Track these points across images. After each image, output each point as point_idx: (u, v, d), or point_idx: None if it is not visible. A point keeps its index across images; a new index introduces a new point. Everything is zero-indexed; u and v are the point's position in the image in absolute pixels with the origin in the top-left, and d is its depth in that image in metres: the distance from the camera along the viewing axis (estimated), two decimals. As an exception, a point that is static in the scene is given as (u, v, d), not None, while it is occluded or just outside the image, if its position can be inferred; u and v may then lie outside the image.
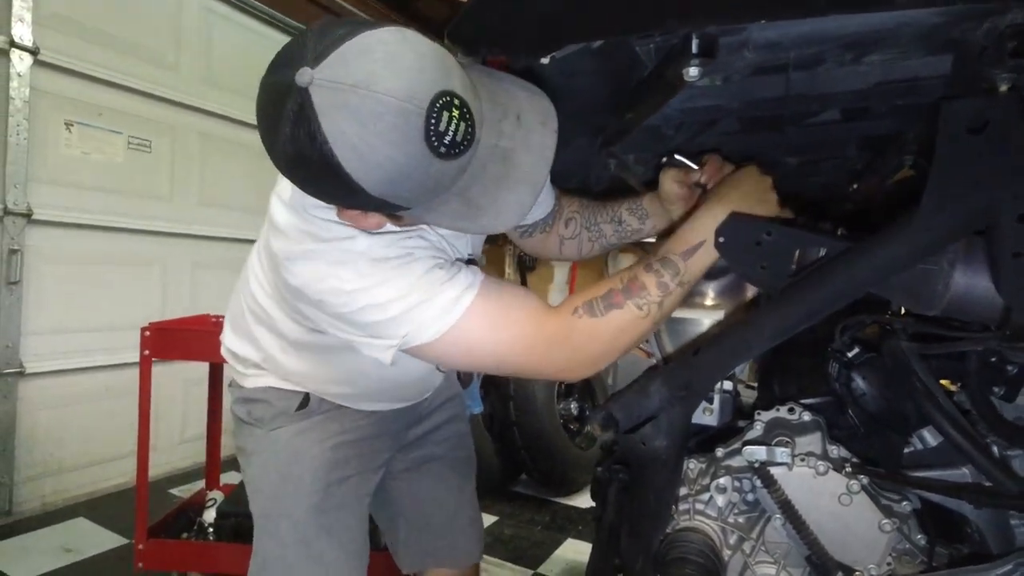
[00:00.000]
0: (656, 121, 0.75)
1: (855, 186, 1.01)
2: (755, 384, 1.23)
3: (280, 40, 3.45)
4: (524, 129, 0.68)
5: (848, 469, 0.94)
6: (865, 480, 0.93)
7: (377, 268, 0.77)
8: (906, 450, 0.94)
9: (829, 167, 0.93)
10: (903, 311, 0.94)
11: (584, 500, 3.00)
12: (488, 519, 2.77)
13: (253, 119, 0.70)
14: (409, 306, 0.77)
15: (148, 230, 2.86)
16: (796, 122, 0.74)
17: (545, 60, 0.69)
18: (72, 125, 2.57)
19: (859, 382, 0.91)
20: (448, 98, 0.60)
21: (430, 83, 0.59)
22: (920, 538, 0.94)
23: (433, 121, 0.59)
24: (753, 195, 0.83)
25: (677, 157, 0.89)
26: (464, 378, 2.59)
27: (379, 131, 0.58)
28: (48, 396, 2.57)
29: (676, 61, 0.54)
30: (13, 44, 2.33)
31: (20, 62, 2.36)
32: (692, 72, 0.53)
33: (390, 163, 0.60)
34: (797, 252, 0.71)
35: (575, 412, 3.28)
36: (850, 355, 0.94)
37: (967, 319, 0.69)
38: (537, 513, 2.90)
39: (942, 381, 0.88)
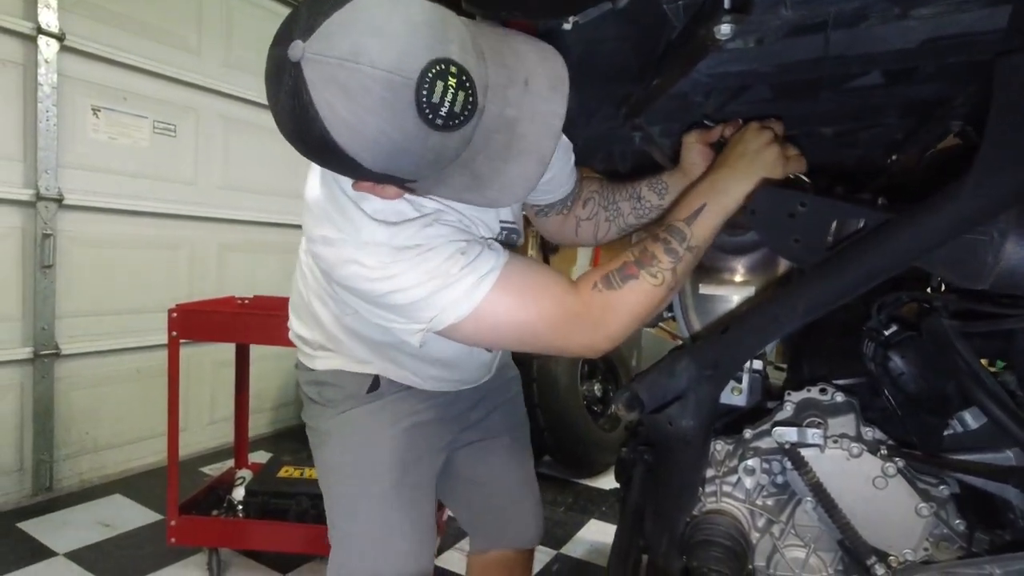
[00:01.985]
0: (684, 88, 0.72)
1: (894, 157, 0.96)
2: (784, 365, 1.19)
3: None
4: (531, 96, 0.64)
5: (883, 452, 0.90)
6: (901, 463, 0.90)
7: (398, 257, 0.77)
8: (945, 432, 0.90)
9: (867, 137, 0.88)
10: (943, 287, 0.89)
11: (607, 482, 2.99)
12: (511, 500, 2.78)
13: None
14: (432, 291, 0.77)
15: (174, 214, 2.90)
16: (834, 87, 0.69)
17: (567, 25, 0.66)
18: (99, 110, 2.61)
19: (897, 361, 0.87)
20: (442, 66, 0.56)
21: (422, 51, 0.56)
22: (959, 523, 0.90)
23: (425, 92, 0.56)
24: (757, 158, 0.81)
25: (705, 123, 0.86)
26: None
27: (369, 106, 0.56)
28: (83, 377, 2.64)
29: (707, 19, 0.51)
30: (40, 31, 2.35)
31: (47, 48, 2.38)
32: (724, 30, 0.50)
33: (384, 138, 0.58)
34: (834, 224, 0.68)
35: (598, 394, 3.26)
36: (887, 334, 0.90)
37: (1018, 293, 0.65)
38: (560, 494, 2.90)
39: (982, 361, 0.84)
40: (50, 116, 2.40)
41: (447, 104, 0.57)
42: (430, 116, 0.57)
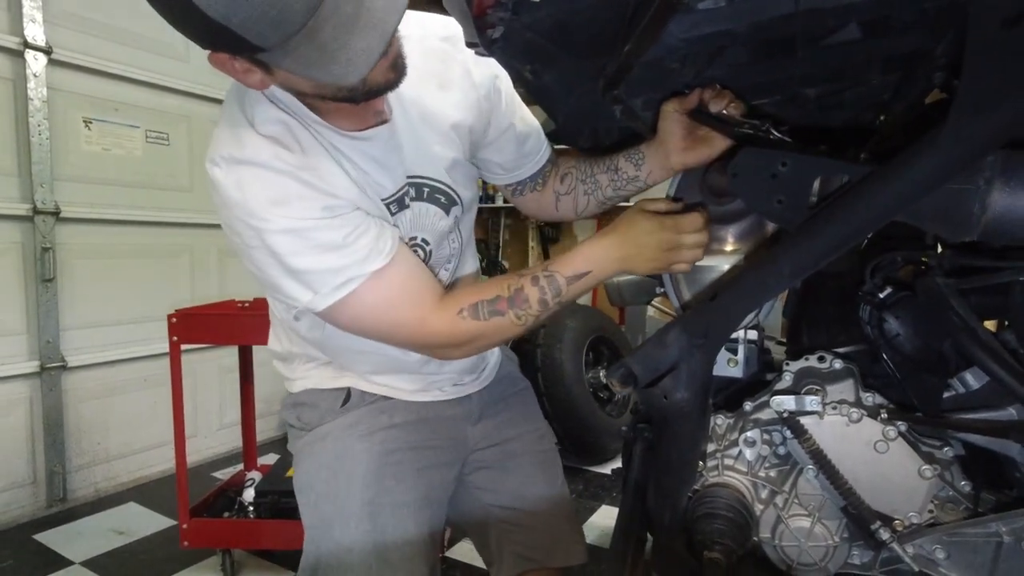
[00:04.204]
0: (658, 54, 0.70)
1: (882, 118, 0.94)
2: (783, 340, 1.18)
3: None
4: None
5: (884, 415, 0.89)
6: (903, 426, 0.89)
7: (291, 209, 0.79)
8: (946, 394, 0.89)
9: (852, 97, 0.87)
10: (938, 247, 0.88)
11: (616, 468, 2.98)
12: (522, 489, 2.78)
13: None
14: (307, 267, 0.81)
15: (172, 222, 2.91)
16: (811, 44, 0.68)
17: (537, -4, 0.65)
18: (90, 122, 2.61)
19: (892, 323, 0.86)
20: None
21: None
22: (964, 484, 0.89)
23: None
24: (650, 245, 0.85)
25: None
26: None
27: None
28: (90, 388, 2.66)
29: (671, -25, 0.50)
30: (27, 45, 2.35)
31: (35, 62, 2.39)
32: (689, -15, 0.49)
33: None
34: (817, 182, 0.66)
35: (604, 381, 3.25)
36: (882, 296, 0.89)
37: (1009, 243, 0.64)
38: (570, 481, 2.89)
39: (986, 323, 0.83)
40: (42, 130, 2.41)
41: None
42: None
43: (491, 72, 0.97)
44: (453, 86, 0.95)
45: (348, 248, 0.82)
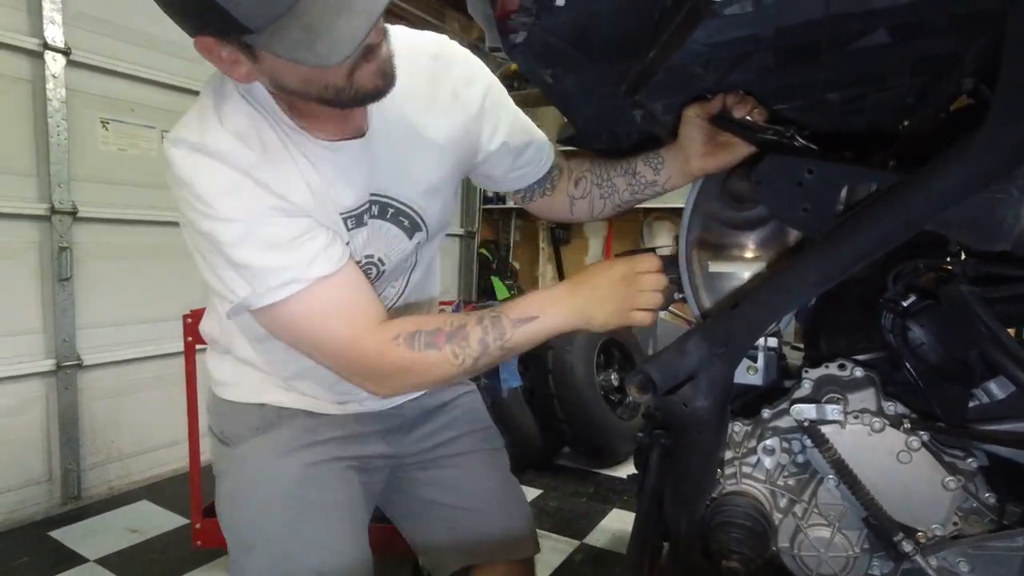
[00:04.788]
0: (682, 59, 0.70)
1: (906, 123, 0.93)
2: (802, 345, 1.17)
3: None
4: None
5: (906, 425, 0.88)
6: (925, 436, 0.87)
7: (236, 189, 0.78)
8: (971, 403, 0.87)
9: (876, 101, 0.85)
10: (961, 253, 0.87)
11: (627, 470, 2.96)
12: (532, 492, 2.78)
13: None
14: (248, 261, 0.79)
15: (187, 222, 2.92)
16: (838, 48, 0.67)
17: (560, 1, 0.65)
18: (108, 123, 2.64)
19: (916, 331, 0.85)
20: None
21: None
22: (988, 496, 0.88)
23: None
24: (604, 290, 0.82)
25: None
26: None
27: None
28: (106, 386, 2.68)
29: (700, -18, 0.49)
30: (46, 46, 2.38)
31: (54, 63, 2.41)
32: (718, -7, 0.48)
33: None
34: (844, 190, 0.65)
35: (615, 383, 3.24)
36: (905, 304, 0.88)
37: (1041, 253, 0.63)
38: (581, 485, 2.89)
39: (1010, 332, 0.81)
40: (60, 130, 2.43)
41: None
42: None
43: (480, 93, 0.95)
44: (440, 108, 0.92)
45: (294, 250, 0.80)
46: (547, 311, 0.84)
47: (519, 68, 0.83)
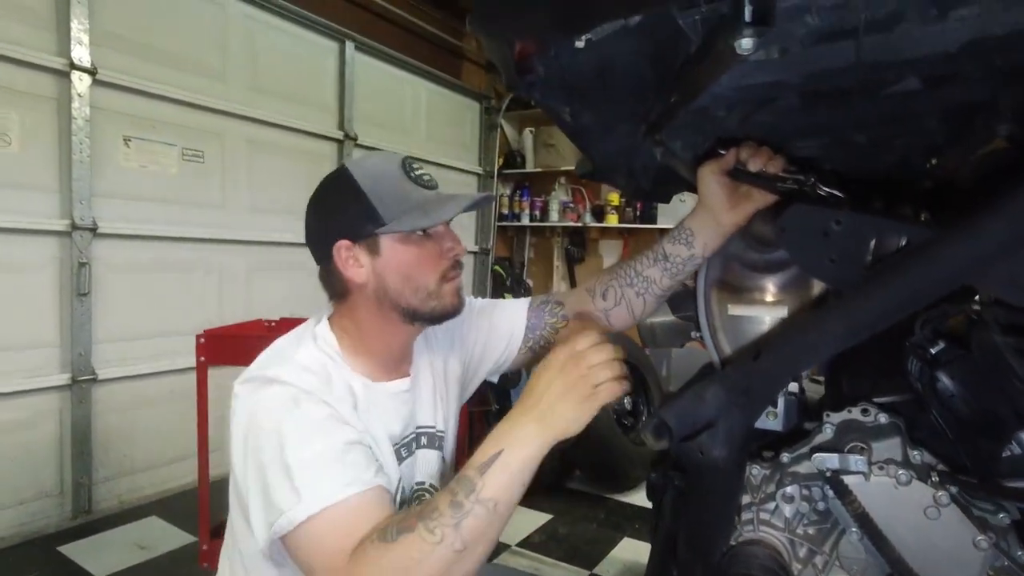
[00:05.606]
0: (704, 102, 0.68)
1: (934, 162, 0.90)
2: (820, 378, 1.13)
3: (321, 43, 3.52)
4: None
5: (935, 478, 0.84)
6: (955, 490, 0.83)
7: (297, 406, 0.82)
8: (1003, 455, 0.83)
9: (903, 143, 0.83)
10: (992, 299, 0.83)
11: (639, 497, 2.92)
12: (542, 517, 2.73)
13: (297, 123, 1.17)
14: (312, 464, 0.78)
15: (203, 238, 2.96)
16: (867, 95, 0.65)
17: (580, 43, 0.64)
18: (130, 140, 2.68)
19: (946, 383, 0.81)
20: (416, 161, 0.96)
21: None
22: (1021, 554, 0.83)
23: (407, 161, 0.94)
24: (556, 393, 0.75)
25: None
26: (512, 377, 2.57)
27: (376, 158, 0.96)
28: (119, 400, 2.70)
29: (726, 32, 0.48)
30: (73, 66, 2.43)
31: (80, 83, 2.46)
32: (745, 44, 0.46)
33: (377, 168, 0.93)
34: (873, 242, 0.63)
35: (628, 407, 3.19)
36: (933, 351, 0.84)
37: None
38: (591, 510, 2.84)
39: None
40: (84, 148, 2.48)
41: (418, 170, 0.94)
42: (407, 169, 0.93)
43: (475, 322, 1.11)
44: (457, 344, 1.11)
45: (348, 461, 0.80)
46: (507, 441, 0.75)
47: (537, 105, 0.82)
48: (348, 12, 3.77)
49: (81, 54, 2.45)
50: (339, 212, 0.92)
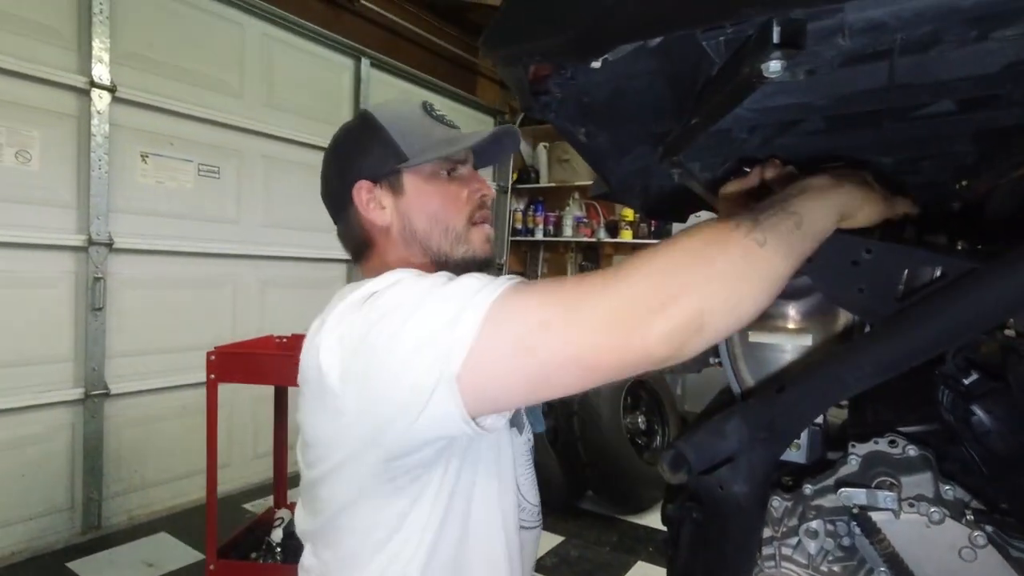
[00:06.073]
0: (726, 125, 0.66)
1: (964, 183, 0.87)
2: (844, 403, 1.09)
3: (336, 59, 3.55)
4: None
5: (969, 516, 0.80)
6: (991, 529, 0.79)
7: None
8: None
9: (932, 165, 0.80)
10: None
11: (653, 519, 2.86)
12: (554, 539, 2.68)
13: (313, 139, 1.23)
14: (453, 296, 0.64)
15: (218, 253, 2.97)
16: (899, 117, 0.62)
17: (596, 64, 0.61)
18: (147, 156, 2.71)
19: (981, 417, 0.77)
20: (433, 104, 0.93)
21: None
22: (1065, 600, 0.78)
23: (427, 103, 0.91)
24: (857, 190, 0.62)
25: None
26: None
27: (395, 101, 0.93)
28: (131, 415, 2.70)
29: (753, 55, 0.45)
30: (93, 84, 2.47)
31: (100, 100, 2.49)
32: (773, 67, 0.44)
33: (397, 108, 0.89)
34: (905, 272, 0.60)
35: (642, 426, 3.14)
36: (967, 382, 0.80)
37: None
38: (604, 532, 2.78)
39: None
40: (102, 164, 2.50)
41: (439, 111, 0.91)
42: (428, 109, 0.90)
43: None
44: None
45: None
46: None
47: (552, 126, 0.80)
48: (363, 29, 3.81)
49: (101, 72, 2.48)
50: (359, 153, 0.86)
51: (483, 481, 0.84)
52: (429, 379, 0.60)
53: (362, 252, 0.89)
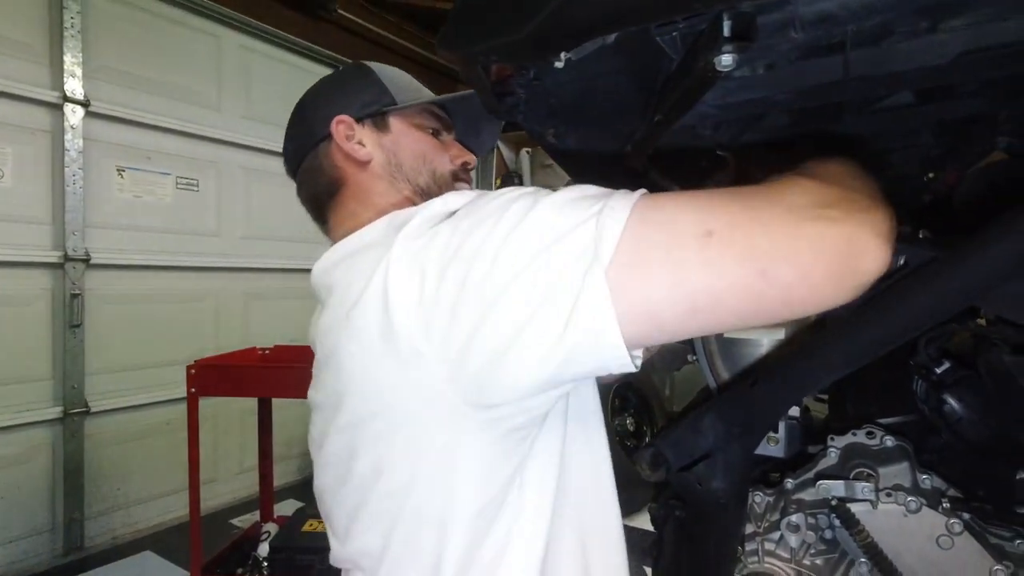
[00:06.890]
0: (691, 121, 0.66)
1: (931, 175, 0.88)
2: (824, 396, 1.10)
3: (315, 70, 3.54)
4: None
5: (946, 505, 0.80)
6: (968, 517, 0.80)
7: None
8: (1018, 477, 0.80)
9: (899, 157, 0.81)
10: (997, 317, 0.80)
11: (643, 520, 2.85)
12: (546, 544, 2.66)
13: None
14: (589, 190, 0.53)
15: (199, 266, 2.94)
16: (858, 110, 0.63)
17: (559, 63, 0.62)
18: (123, 170, 2.67)
19: (953, 405, 0.78)
20: None
21: None
22: (1042, 584, 0.79)
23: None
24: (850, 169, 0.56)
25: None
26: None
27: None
28: (112, 433, 2.65)
29: (705, 49, 0.46)
30: (66, 99, 2.44)
31: (73, 115, 2.46)
32: (725, 60, 0.44)
33: (392, 68, 0.83)
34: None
35: (631, 428, 3.14)
36: (939, 371, 0.81)
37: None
38: (597, 536, 2.77)
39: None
40: (77, 179, 2.47)
41: None
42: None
43: None
44: None
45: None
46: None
47: (522, 127, 0.80)
48: (342, 39, 3.80)
49: (74, 87, 2.46)
50: (343, 92, 0.79)
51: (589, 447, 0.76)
52: (573, 278, 0.47)
53: (333, 194, 0.76)
